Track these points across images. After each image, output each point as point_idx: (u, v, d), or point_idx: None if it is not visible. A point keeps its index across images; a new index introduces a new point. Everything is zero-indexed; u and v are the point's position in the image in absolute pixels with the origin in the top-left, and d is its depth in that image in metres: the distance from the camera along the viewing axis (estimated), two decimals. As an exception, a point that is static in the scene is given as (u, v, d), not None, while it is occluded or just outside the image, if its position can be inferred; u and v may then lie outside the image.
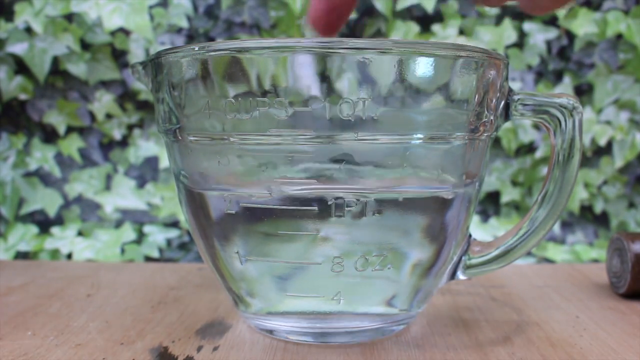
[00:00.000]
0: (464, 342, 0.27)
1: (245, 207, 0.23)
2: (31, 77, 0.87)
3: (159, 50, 0.24)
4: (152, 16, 0.87)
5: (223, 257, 0.25)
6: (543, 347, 0.26)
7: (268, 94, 0.21)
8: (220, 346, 0.26)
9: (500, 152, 0.91)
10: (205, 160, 0.24)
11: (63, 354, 0.25)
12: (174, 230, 0.92)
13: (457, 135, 0.23)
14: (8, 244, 0.88)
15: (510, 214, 0.91)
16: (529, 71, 0.89)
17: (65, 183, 0.91)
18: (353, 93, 0.21)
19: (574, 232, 0.92)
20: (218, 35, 0.88)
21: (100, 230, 0.90)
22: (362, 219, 0.22)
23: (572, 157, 0.25)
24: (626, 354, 0.25)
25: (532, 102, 0.25)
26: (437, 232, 0.25)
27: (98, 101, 0.89)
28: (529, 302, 0.33)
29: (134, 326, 0.28)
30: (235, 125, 0.22)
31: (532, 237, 0.26)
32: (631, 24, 0.85)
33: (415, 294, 0.26)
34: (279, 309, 0.26)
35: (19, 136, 0.89)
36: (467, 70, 0.23)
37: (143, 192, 0.91)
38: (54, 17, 0.84)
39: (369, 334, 0.26)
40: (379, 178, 0.23)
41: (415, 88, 0.22)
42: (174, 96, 0.24)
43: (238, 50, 0.21)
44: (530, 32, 0.88)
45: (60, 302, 0.32)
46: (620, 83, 0.88)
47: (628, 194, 0.92)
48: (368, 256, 0.23)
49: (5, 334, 0.27)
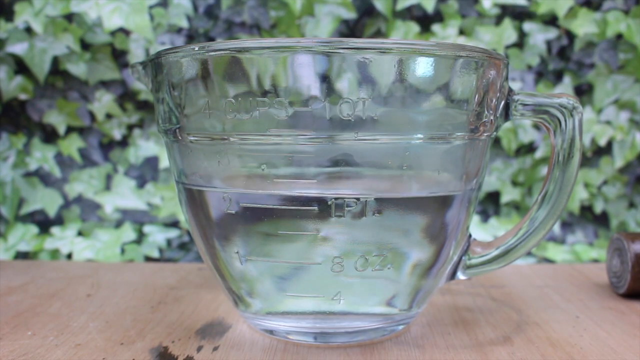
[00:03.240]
0: (464, 342, 0.27)
1: (245, 207, 0.23)
2: (31, 77, 0.87)
3: (159, 50, 0.24)
4: (152, 16, 0.87)
5: (223, 257, 0.25)
6: (543, 347, 0.26)
7: (268, 94, 0.21)
8: (220, 346, 0.26)
9: (500, 152, 0.91)
10: (205, 160, 0.24)
11: (63, 354, 0.25)
12: (174, 230, 0.92)
13: (457, 135, 0.23)
14: (8, 244, 0.88)
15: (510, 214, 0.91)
16: (529, 71, 0.89)
17: (65, 183, 0.91)
18: (353, 93, 0.21)
19: (574, 232, 0.92)
20: (218, 35, 0.88)
21: (100, 230, 0.90)
22: (362, 219, 0.22)
23: (572, 157, 0.25)
24: (626, 354, 0.25)
25: (532, 102, 0.25)
26: (437, 232, 0.25)
27: (98, 101, 0.89)
28: (529, 302, 0.33)
29: (134, 326, 0.28)
30: (235, 125, 0.22)
31: (532, 237, 0.26)
32: (631, 24, 0.85)
33: (415, 294, 0.26)
34: (279, 309, 0.26)
35: (19, 136, 0.89)
36: (467, 70, 0.23)
37: (143, 192, 0.91)
38: (54, 17, 0.84)
39: (369, 334, 0.26)
40: (379, 178, 0.23)
41: (415, 88, 0.22)
42: (174, 96, 0.24)
43: (238, 50, 0.21)
44: (530, 32, 0.88)
45: (60, 302, 0.32)
46: (620, 83, 0.88)
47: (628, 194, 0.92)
48: (368, 256, 0.23)
49: (5, 334, 0.27)
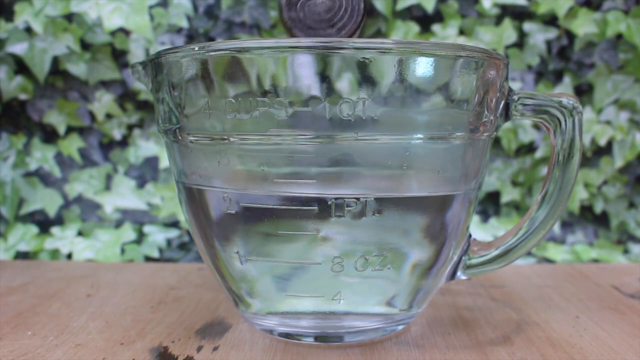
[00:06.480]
0: (464, 342, 0.27)
1: (245, 207, 0.23)
2: (31, 77, 0.87)
3: (159, 50, 0.24)
4: (152, 16, 0.87)
5: (223, 257, 0.25)
6: (543, 347, 0.26)
7: (268, 94, 0.21)
8: (220, 346, 0.26)
9: (500, 152, 0.91)
10: (205, 160, 0.24)
11: (63, 354, 0.25)
12: (174, 230, 0.92)
13: (457, 135, 0.23)
14: (8, 244, 0.88)
15: (510, 214, 0.91)
16: (529, 71, 0.89)
17: (65, 183, 0.91)
18: (353, 93, 0.21)
19: (574, 232, 0.92)
20: (218, 35, 0.88)
21: (100, 230, 0.90)
22: (362, 219, 0.22)
23: (572, 157, 0.25)
24: (626, 354, 0.25)
25: (532, 102, 0.25)
26: (437, 232, 0.25)
27: (98, 101, 0.89)
28: (529, 302, 0.33)
29: (134, 326, 0.28)
30: (235, 125, 0.22)
31: (532, 237, 0.26)
32: (631, 24, 0.85)
33: (415, 294, 0.26)
34: (279, 309, 0.26)
35: (19, 136, 0.89)
36: (467, 70, 0.23)
37: (143, 192, 0.91)
38: (54, 17, 0.84)
39: (369, 334, 0.26)
40: (379, 178, 0.23)
41: (415, 88, 0.22)
42: (174, 96, 0.24)
43: (238, 50, 0.21)
44: (530, 32, 0.88)
45: (60, 302, 0.32)
46: (620, 83, 0.88)
47: (628, 194, 0.92)
48: (368, 256, 0.23)
49: (5, 334, 0.27)
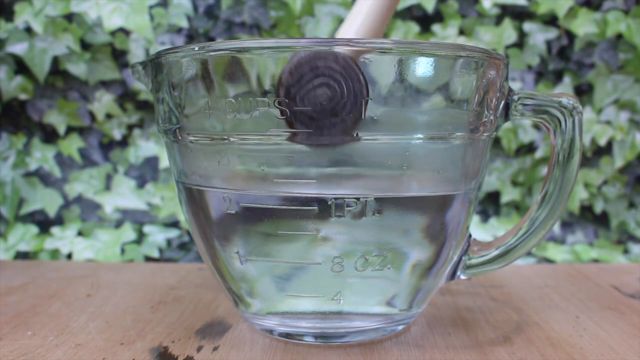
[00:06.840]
0: (464, 342, 0.27)
1: (245, 207, 0.23)
2: (31, 77, 0.87)
3: (159, 50, 0.24)
4: (152, 16, 0.87)
5: (223, 257, 0.25)
6: (543, 347, 0.26)
7: (268, 94, 0.21)
8: (220, 346, 0.26)
9: (500, 152, 0.91)
10: (205, 160, 0.24)
11: (63, 354, 0.25)
12: (174, 230, 0.92)
13: (457, 135, 0.23)
14: (8, 244, 0.88)
15: (510, 214, 0.91)
16: (529, 71, 0.89)
17: (65, 183, 0.91)
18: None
19: (574, 232, 0.92)
20: (218, 35, 0.88)
21: (100, 230, 0.90)
22: (362, 219, 0.22)
23: (572, 157, 0.25)
24: (626, 354, 0.25)
25: (532, 102, 0.25)
26: (437, 232, 0.25)
27: (98, 101, 0.89)
28: (529, 302, 0.33)
29: (134, 326, 0.28)
30: (235, 125, 0.22)
31: (532, 237, 0.26)
32: (631, 24, 0.85)
33: (415, 294, 0.26)
34: (279, 309, 0.26)
35: (19, 136, 0.89)
36: (467, 70, 0.23)
37: (143, 192, 0.91)
38: (54, 17, 0.84)
39: (369, 334, 0.26)
40: (379, 178, 0.23)
41: (415, 88, 0.22)
42: (174, 96, 0.24)
43: (238, 50, 0.21)
44: (530, 32, 0.88)
45: (60, 302, 0.32)
46: (620, 83, 0.88)
47: (628, 194, 0.92)
48: (368, 256, 0.23)
49: (5, 334, 0.27)
